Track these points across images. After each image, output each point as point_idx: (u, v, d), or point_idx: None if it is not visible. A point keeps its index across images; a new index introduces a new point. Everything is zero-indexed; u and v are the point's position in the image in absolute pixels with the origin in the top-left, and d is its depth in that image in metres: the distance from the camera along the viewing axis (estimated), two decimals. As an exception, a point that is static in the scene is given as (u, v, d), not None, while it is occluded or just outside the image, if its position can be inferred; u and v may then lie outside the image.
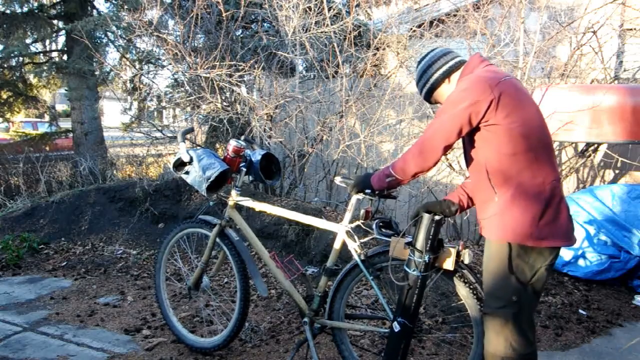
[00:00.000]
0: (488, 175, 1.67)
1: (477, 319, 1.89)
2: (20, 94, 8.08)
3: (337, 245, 2.16)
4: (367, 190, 1.93)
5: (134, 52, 6.91)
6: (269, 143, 4.12)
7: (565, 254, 3.60)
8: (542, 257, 1.64)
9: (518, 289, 1.65)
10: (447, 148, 1.68)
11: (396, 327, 1.87)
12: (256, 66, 4.00)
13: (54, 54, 7.94)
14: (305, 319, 2.25)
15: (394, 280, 1.86)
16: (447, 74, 1.80)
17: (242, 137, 2.53)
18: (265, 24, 5.34)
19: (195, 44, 4.69)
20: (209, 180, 2.26)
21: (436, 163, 1.72)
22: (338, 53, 4.00)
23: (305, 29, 4.05)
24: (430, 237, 1.77)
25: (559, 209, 1.64)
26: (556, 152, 4.13)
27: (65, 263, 4.01)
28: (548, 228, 1.61)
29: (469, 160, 1.78)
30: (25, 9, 6.88)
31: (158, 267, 2.72)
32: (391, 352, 1.90)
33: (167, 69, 5.58)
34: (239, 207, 2.49)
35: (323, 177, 4.63)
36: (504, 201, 1.64)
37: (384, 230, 2.03)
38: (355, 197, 2.11)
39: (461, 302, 1.97)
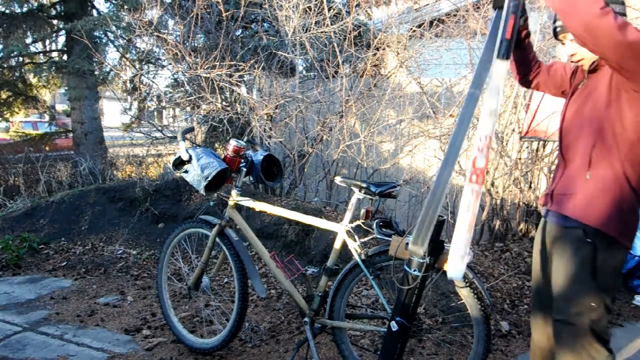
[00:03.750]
0: None
1: (478, 318, 1.89)
2: (20, 94, 8.07)
3: (337, 245, 2.16)
4: None
5: (134, 52, 6.91)
6: (269, 143, 4.12)
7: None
8: None
9: None
10: None
11: (394, 326, 1.87)
12: (256, 66, 4.00)
13: (54, 54, 7.93)
14: (306, 319, 2.25)
15: (395, 280, 1.86)
16: None
17: (245, 139, 2.53)
18: (265, 24, 5.34)
19: (195, 44, 4.69)
20: (207, 179, 2.26)
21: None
22: (338, 53, 4.00)
23: (305, 29, 4.04)
24: (432, 238, 1.77)
25: None
26: (556, 152, 4.13)
27: (65, 263, 4.00)
28: None
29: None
30: (25, 9, 6.87)
31: (160, 267, 2.73)
32: (388, 351, 1.90)
33: (167, 69, 5.59)
34: (239, 207, 2.49)
35: (323, 177, 4.63)
36: None
37: (384, 229, 2.03)
38: (355, 197, 2.11)
39: (461, 302, 1.97)
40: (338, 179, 2.22)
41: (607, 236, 1.54)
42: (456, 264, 1.58)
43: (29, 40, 7.25)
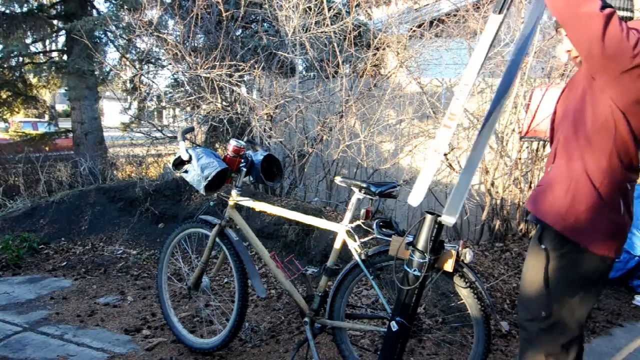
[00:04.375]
0: None
1: (478, 318, 1.89)
2: (20, 94, 8.08)
3: (337, 245, 2.16)
4: None
5: (134, 52, 6.91)
6: (269, 143, 4.12)
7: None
8: None
9: None
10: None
11: (394, 326, 1.87)
12: (256, 66, 4.00)
13: (54, 54, 7.94)
14: (306, 319, 2.25)
15: (395, 280, 1.86)
16: None
17: (245, 139, 2.53)
18: (265, 24, 5.34)
19: (195, 44, 4.69)
20: (207, 179, 2.26)
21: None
22: (338, 53, 4.00)
23: (305, 29, 4.04)
24: (432, 238, 1.77)
25: None
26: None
27: (65, 263, 4.00)
28: None
29: None
30: (25, 9, 6.88)
31: (160, 267, 2.73)
32: (388, 351, 1.90)
33: (167, 69, 5.59)
34: (239, 207, 2.49)
35: (323, 177, 4.63)
36: None
37: (384, 229, 2.03)
38: (355, 197, 2.11)
39: (461, 302, 1.97)
40: (338, 179, 2.22)
41: (560, 235, 1.45)
42: (416, 194, 1.74)
43: (29, 40, 7.26)
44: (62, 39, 7.87)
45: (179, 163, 2.35)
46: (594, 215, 1.42)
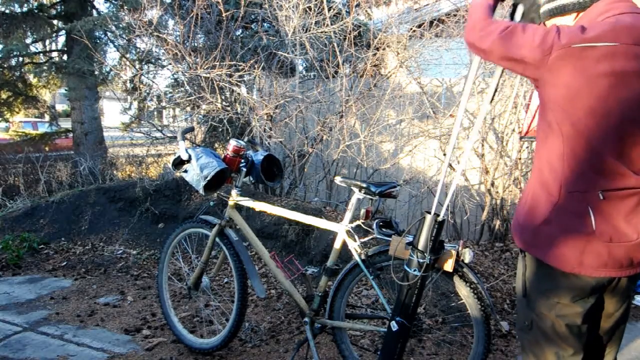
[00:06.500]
0: None
1: (478, 318, 1.89)
2: (20, 94, 8.09)
3: (337, 245, 2.16)
4: None
5: (134, 52, 6.92)
6: (269, 143, 4.12)
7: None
8: None
9: None
10: None
11: (394, 326, 1.87)
12: (256, 66, 4.00)
13: (54, 54, 7.95)
14: (306, 319, 2.25)
15: (395, 280, 1.86)
16: None
17: (245, 139, 2.53)
18: (265, 24, 5.34)
19: (195, 44, 4.69)
20: (206, 179, 2.26)
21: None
22: (338, 53, 4.00)
23: (305, 29, 4.04)
24: (432, 238, 1.77)
25: None
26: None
27: (65, 263, 4.00)
28: None
29: None
30: (25, 9, 6.89)
31: (161, 267, 2.73)
32: (388, 351, 1.90)
33: (167, 69, 5.59)
34: (239, 207, 2.49)
35: (323, 177, 4.63)
36: None
37: (384, 229, 2.03)
38: (355, 197, 2.11)
39: (461, 302, 1.97)
40: (338, 179, 2.22)
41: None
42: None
43: (29, 40, 7.27)
44: (62, 39, 7.89)
45: (179, 163, 2.35)
46: (552, 227, 1.30)
